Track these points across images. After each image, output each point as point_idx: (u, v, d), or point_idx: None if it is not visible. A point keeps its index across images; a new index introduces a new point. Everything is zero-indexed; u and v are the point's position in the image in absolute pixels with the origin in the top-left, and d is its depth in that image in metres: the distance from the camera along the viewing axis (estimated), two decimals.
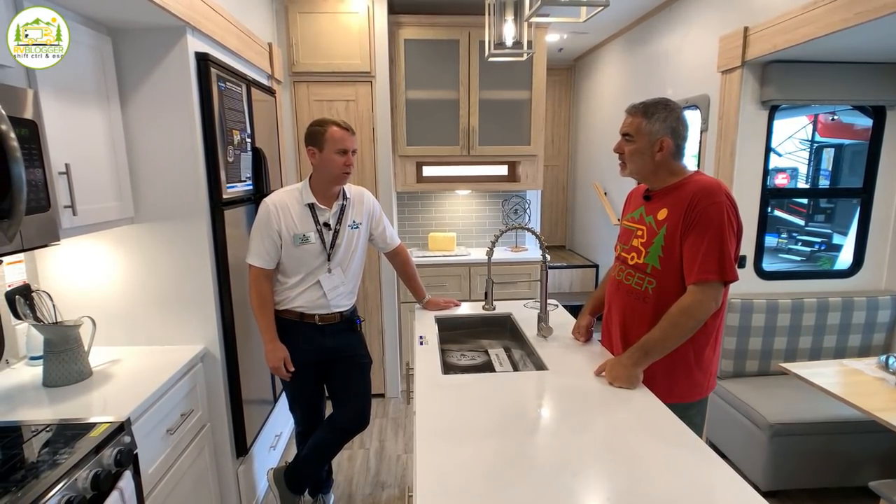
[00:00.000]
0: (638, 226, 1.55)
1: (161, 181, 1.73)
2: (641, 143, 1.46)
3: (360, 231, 1.94)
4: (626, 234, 1.61)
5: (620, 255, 1.61)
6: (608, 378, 1.45)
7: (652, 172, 1.49)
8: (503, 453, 1.11)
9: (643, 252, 1.50)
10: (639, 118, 1.46)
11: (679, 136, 1.45)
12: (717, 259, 1.34)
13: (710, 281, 1.35)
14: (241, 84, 2.05)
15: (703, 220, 1.36)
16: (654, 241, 1.47)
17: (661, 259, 1.45)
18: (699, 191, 1.39)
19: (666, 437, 1.17)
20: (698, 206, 1.37)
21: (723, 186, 1.41)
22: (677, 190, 1.45)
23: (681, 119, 1.46)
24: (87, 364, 1.56)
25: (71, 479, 1.07)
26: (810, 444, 2.17)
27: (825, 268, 4.84)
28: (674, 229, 1.42)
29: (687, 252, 1.39)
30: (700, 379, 1.51)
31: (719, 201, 1.36)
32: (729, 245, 1.36)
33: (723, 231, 1.35)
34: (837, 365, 2.09)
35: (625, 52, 3.77)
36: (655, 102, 1.47)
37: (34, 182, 1.21)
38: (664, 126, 1.43)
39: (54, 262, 1.74)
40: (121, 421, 1.28)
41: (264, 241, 1.80)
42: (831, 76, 2.33)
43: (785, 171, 5.77)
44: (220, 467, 1.92)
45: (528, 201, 3.57)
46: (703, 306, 1.37)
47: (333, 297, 1.89)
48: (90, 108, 1.51)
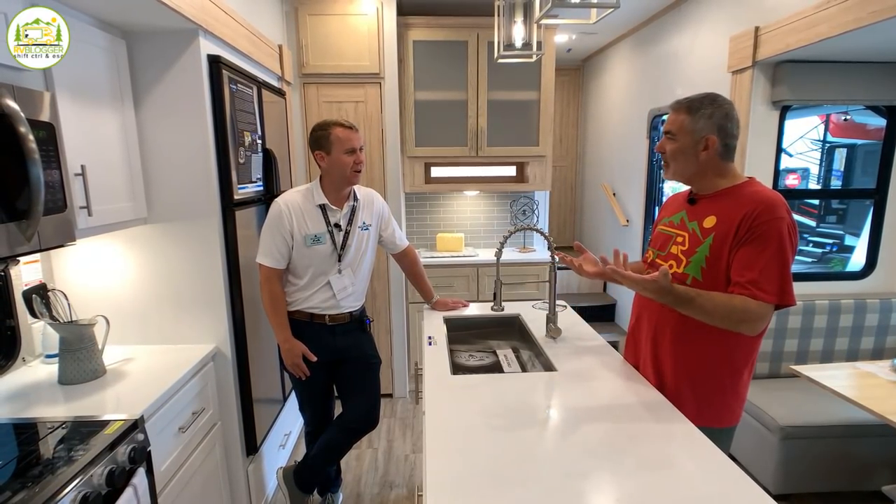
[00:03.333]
0: (679, 231, 1.41)
1: (173, 182, 1.75)
2: (685, 141, 1.33)
3: (370, 233, 1.96)
4: (662, 240, 1.46)
5: (654, 261, 1.46)
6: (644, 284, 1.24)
7: (697, 174, 1.36)
8: (513, 454, 1.12)
9: (684, 261, 1.35)
10: (682, 114, 1.34)
11: (727, 135, 1.32)
12: (778, 280, 1.20)
13: (766, 302, 1.20)
14: (251, 86, 2.06)
15: (765, 235, 1.22)
16: (697, 250, 1.32)
17: (703, 271, 1.30)
18: (761, 203, 1.24)
19: (676, 439, 1.17)
20: (759, 219, 1.23)
21: (783, 200, 1.26)
22: (730, 196, 1.32)
23: (729, 115, 1.32)
24: (101, 362, 1.58)
25: (86, 476, 1.09)
26: (822, 447, 2.14)
27: (837, 269, 4.78)
28: (722, 240, 1.28)
29: (740, 263, 1.24)
30: (733, 404, 1.38)
31: (782, 216, 1.23)
32: (787, 267, 1.22)
33: (784, 251, 1.21)
34: (850, 367, 2.07)
35: (634, 53, 3.75)
36: (702, 97, 1.33)
37: (51, 183, 1.23)
38: (710, 123, 1.30)
39: (69, 262, 1.77)
40: (134, 419, 1.30)
41: (275, 240, 1.81)
42: (844, 76, 2.30)
43: (796, 172, 5.71)
44: (230, 465, 1.94)
45: (536, 202, 3.57)
46: (758, 321, 1.23)
47: (343, 297, 1.90)
48: (105, 109, 1.53)
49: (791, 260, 1.24)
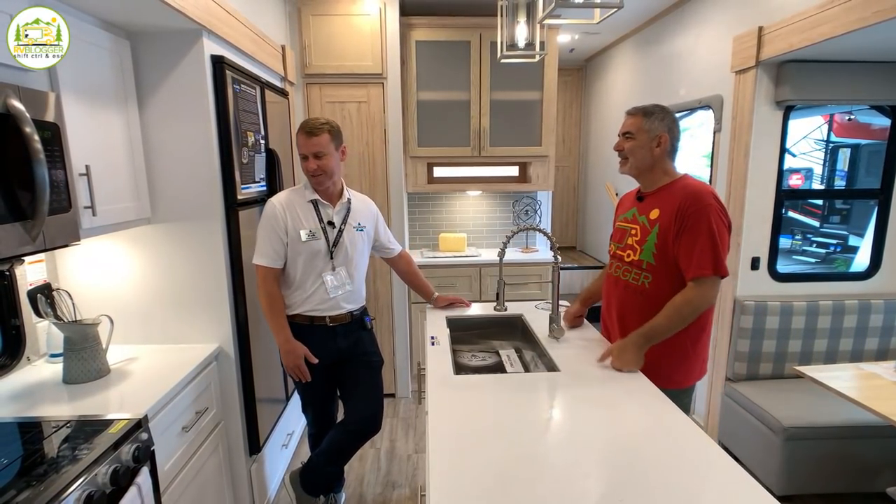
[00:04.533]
0: (631, 225, 1.68)
1: (177, 182, 1.76)
2: (642, 138, 1.60)
3: (364, 234, 1.96)
4: (620, 234, 1.73)
5: (616, 252, 1.74)
6: (616, 364, 1.55)
7: (649, 168, 1.62)
8: (516, 454, 1.12)
9: (638, 249, 1.62)
10: (639, 117, 1.61)
11: (674, 136, 1.60)
12: (712, 257, 1.48)
13: (706, 276, 1.49)
14: (255, 86, 2.07)
15: (696, 222, 1.49)
16: (647, 238, 1.60)
17: (654, 255, 1.58)
18: (689, 195, 1.53)
19: (680, 440, 1.17)
20: (689, 209, 1.51)
21: (710, 189, 1.56)
22: (667, 191, 1.60)
23: (676, 121, 1.61)
24: (105, 362, 1.59)
25: (91, 475, 1.10)
26: (825, 448, 2.14)
27: (841, 270, 4.76)
28: (666, 228, 1.55)
29: (682, 251, 1.53)
30: (695, 365, 1.65)
31: (709, 203, 1.50)
32: (720, 243, 1.49)
33: (713, 231, 1.48)
34: (854, 368, 2.06)
35: (637, 53, 3.74)
36: (653, 105, 1.62)
37: (56, 183, 1.24)
38: (662, 124, 1.59)
39: (74, 262, 1.78)
40: (138, 418, 1.31)
41: (270, 239, 1.79)
42: (848, 76, 2.30)
43: (799, 172, 5.69)
44: (233, 465, 1.94)
45: (538, 202, 3.57)
46: (704, 298, 1.51)
47: (338, 295, 1.88)
48: (109, 110, 1.54)
49: (724, 236, 1.50)
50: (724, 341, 2.60)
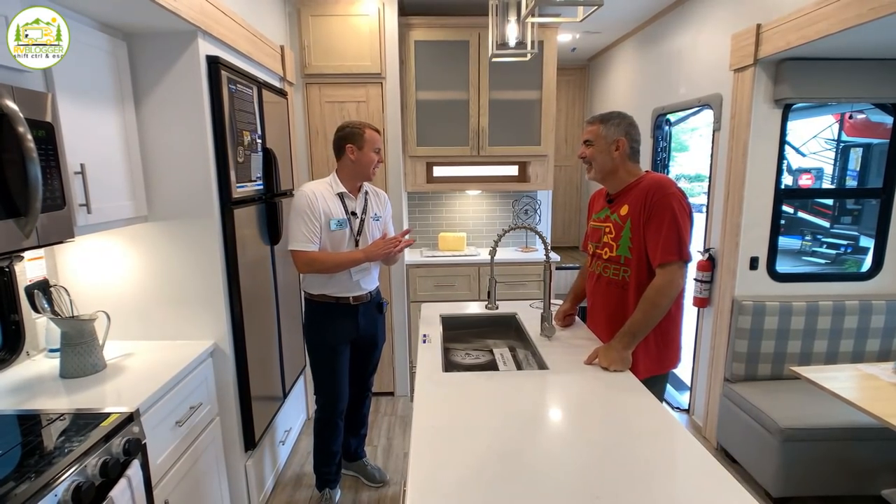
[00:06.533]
0: (605, 224, 1.75)
1: (173, 181, 1.79)
2: (601, 144, 1.68)
3: (380, 223, 2.17)
4: (595, 233, 1.81)
5: (595, 252, 1.81)
6: (603, 363, 1.57)
7: (612, 171, 1.70)
8: (497, 451, 1.12)
9: (615, 246, 1.69)
10: (597, 125, 1.69)
11: (632, 139, 1.67)
12: (676, 243, 1.55)
13: (672, 262, 1.55)
14: (251, 86, 2.09)
15: (659, 210, 1.56)
16: (622, 234, 1.67)
17: (630, 249, 1.65)
18: (652, 186, 1.60)
19: (667, 440, 1.17)
20: (654, 198, 1.58)
21: (671, 180, 1.64)
22: (634, 188, 1.66)
23: (633, 124, 1.69)
24: (101, 357, 1.62)
25: (81, 466, 1.12)
26: (822, 450, 2.12)
27: (851, 271, 4.69)
28: (636, 221, 1.62)
29: (649, 240, 1.60)
30: (670, 354, 1.72)
31: (671, 192, 1.57)
32: (684, 230, 1.55)
33: (676, 218, 1.55)
34: (852, 369, 2.04)
35: (638, 52, 3.73)
36: (610, 112, 1.71)
37: (50, 181, 1.27)
38: (619, 129, 1.66)
39: (74, 259, 1.81)
40: (130, 412, 1.33)
41: (308, 224, 1.94)
42: (847, 73, 2.27)
43: (810, 172, 5.61)
44: (229, 460, 1.97)
45: (538, 202, 3.57)
46: (672, 284, 1.55)
47: (359, 278, 2.08)
48: (106, 110, 1.57)
49: (685, 223, 1.56)
50: (722, 342, 2.58)
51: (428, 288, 3.21)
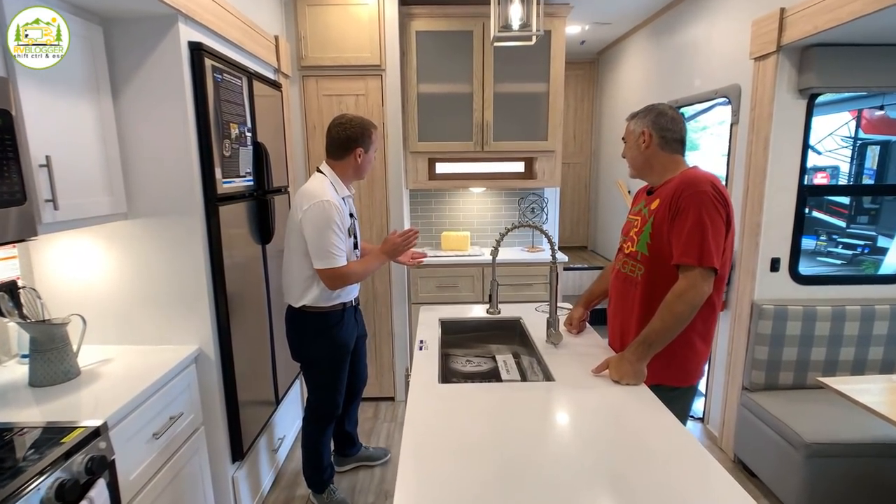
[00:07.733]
0: (636, 217, 1.63)
1: (154, 175, 1.68)
2: (630, 140, 1.61)
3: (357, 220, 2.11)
4: (626, 226, 1.69)
5: (620, 245, 1.69)
6: (614, 377, 1.44)
7: (645, 165, 1.59)
8: (491, 471, 1.00)
9: (636, 241, 1.57)
10: (628, 121, 1.63)
11: (661, 128, 1.54)
12: (697, 246, 1.37)
13: (691, 266, 1.38)
14: (240, 76, 1.98)
15: (686, 207, 1.40)
16: (644, 229, 1.54)
17: (648, 246, 1.51)
18: (684, 182, 1.44)
19: (681, 460, 1.03)
20: (683, 194, 1.42)
21: (711, 178, 1.45)
22: (670, 183, 1.51)
23: (662, 113, 1.55)
24: (74, 363, 1.51)
25: (34, 488, 1.01)
26: (851, 467, 1.96)
27: (869, 272, 4.51)
28: (661, 217, 1.47)
29: (673, 238, 1.44)
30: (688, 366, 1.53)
31: (703, 190, 1.40)
32: (710, 233, 1.37)
33: (702, 218, 1.37)
34: (886, 381, 1.88)
35: (650, 44, 3.57)
36: (642, 108, 1.61)
37: (7, 174, 1.16)
38: (644, 121, 1.56)
39: (49, 259, 1.71)
40: (96, 426, 1.22)
41: (341, 235, 1.84)
42: (878, 61, 2.10)
43: (824, 170, 5.42)
44: (215, 472, 1.86)
45: (545, 199, 3.43)
46: (693, 290, 1.38)
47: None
48: (78, 99, 1.46)
49: (714, 227, 1.37)
50: (740, 348, 2.43)
51: (430, 289, 3.09)
